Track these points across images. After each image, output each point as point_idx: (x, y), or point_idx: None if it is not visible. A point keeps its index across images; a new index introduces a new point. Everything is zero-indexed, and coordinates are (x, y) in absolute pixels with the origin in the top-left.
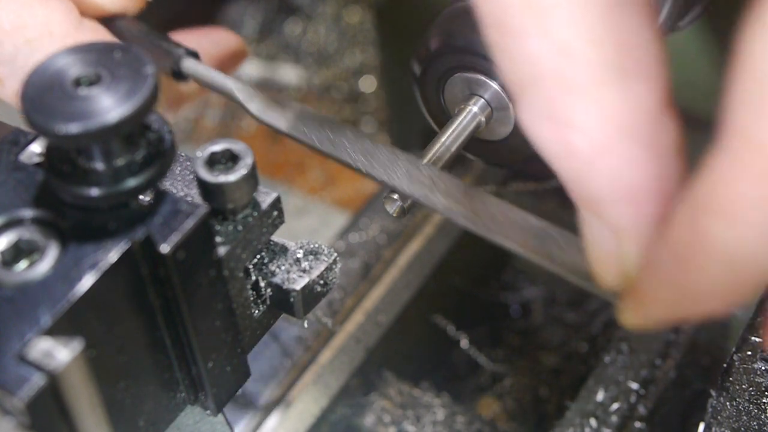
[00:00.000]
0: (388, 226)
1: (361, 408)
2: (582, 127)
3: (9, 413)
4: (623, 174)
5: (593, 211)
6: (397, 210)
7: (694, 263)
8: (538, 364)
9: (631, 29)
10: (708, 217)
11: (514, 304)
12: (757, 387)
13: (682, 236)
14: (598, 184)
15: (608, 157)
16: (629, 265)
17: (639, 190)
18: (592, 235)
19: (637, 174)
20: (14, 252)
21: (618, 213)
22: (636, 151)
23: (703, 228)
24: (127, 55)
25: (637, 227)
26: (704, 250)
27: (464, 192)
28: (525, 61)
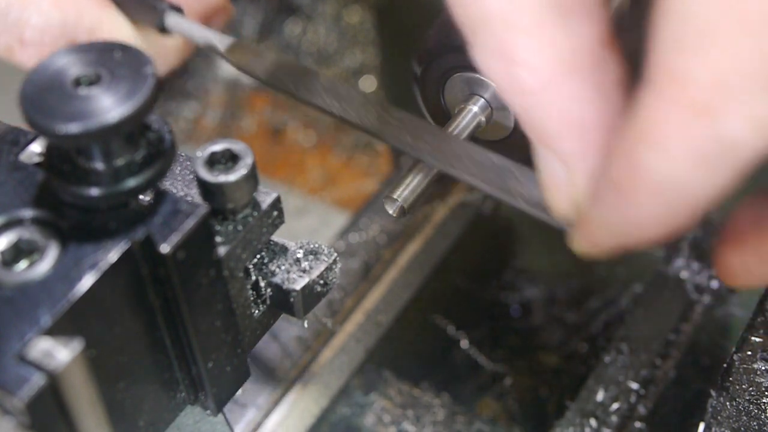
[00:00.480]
0: (388, 226)
1: (361, 408)
2: (527, 64)
3: (9, 413)
4: (568, 108)
5: (544, 143)
6: (397, 210)
7: (631, 193)
8: (538, 364)
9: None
10: (641, 149)
11: (514, 304)
12: (757, 387)
13: (620, 167)
14: (546, 117)
15: (553, 92)
16: (579, 195)
17: (584, 123)
18: (545, 167)
19: (582, 108)
20: (14, 252)
21: (566, 145)
22: (579, 86)
23: (637, 159)
24: (127, 55)
25: (584, 158)
26: (639, 181)
27: (430, 132)
28: (475, 4)
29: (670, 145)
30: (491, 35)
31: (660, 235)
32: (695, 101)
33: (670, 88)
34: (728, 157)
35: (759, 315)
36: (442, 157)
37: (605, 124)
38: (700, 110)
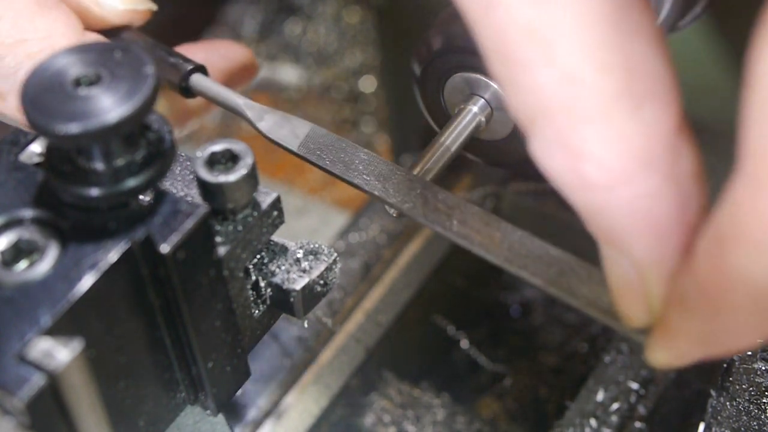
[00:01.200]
0: (388, 226)
1: (361, 408)
2: (595, 157)
3: (9, 413)
4: (642, 205)
5: (613, 245)
6: (397, 210)
7: (721, 297)
8: (538, 364)
9: (640, 52)
10: (732, 248)
11: (514, 304)
12: (757, 387)
13: (707, 269)
14: (617, 217)
15: (625, 188)
16: (654, 301)
17: (660, 222)
18: (614, 271)
19: (657, 204)
20: (14, 252)
21: (640, 247)
22: (654, 180)
23: (728, 260)
24: (127, 55)
25: (662, 261)
26: (731, 283)
27: (482, 220)
28: (533, 92)
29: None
30: (553, 126)
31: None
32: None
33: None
34: None
35: None
36: (495, 250)
37: (684, 221)
38: None
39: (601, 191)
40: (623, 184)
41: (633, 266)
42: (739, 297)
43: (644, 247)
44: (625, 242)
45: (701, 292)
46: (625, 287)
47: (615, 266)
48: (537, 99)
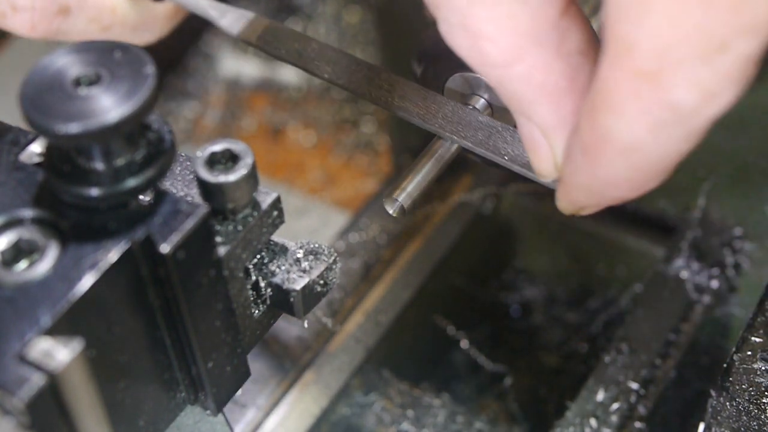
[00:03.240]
0: (388, 226)
1: (361, 408)
2: (491, 37)
3: (9, 413)
4: (536, 78)
5: (519, 113)
6: (397, 210)
7: (597, 155)
8: (538, 364)
9: None
10: (601, 112)
11: (514, 304)
12: (757, 387)
13: (586, 130)
14: (517, 88)
15: (519, 64)
16: (557, 158)
17: (554, 91)
18: (525, 133)
19: (549, 76)
20: (14, 252)
21: (540, 113)
22: (544, 56)
23: (600, 123)
24: (127, 55)
25: (560, 125)
26: (602, 142)
27: (420, 95)
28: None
29: (624, 109)
30: (453, 11)
31: (630, 192)
32: (643, 69)
33: (620, 56)
34: (679, 122)
35: (759, 315)
36: (430, 118)
37: (576, 90)
38: (648, 78)
39: (500, 67)
40: (516, 60)
41: (537, 129)
42: (609, 153)
43: (542, 113)
44: (527, 110)
45: (583, 150)
46: (534, 147)
47: (524, 129)
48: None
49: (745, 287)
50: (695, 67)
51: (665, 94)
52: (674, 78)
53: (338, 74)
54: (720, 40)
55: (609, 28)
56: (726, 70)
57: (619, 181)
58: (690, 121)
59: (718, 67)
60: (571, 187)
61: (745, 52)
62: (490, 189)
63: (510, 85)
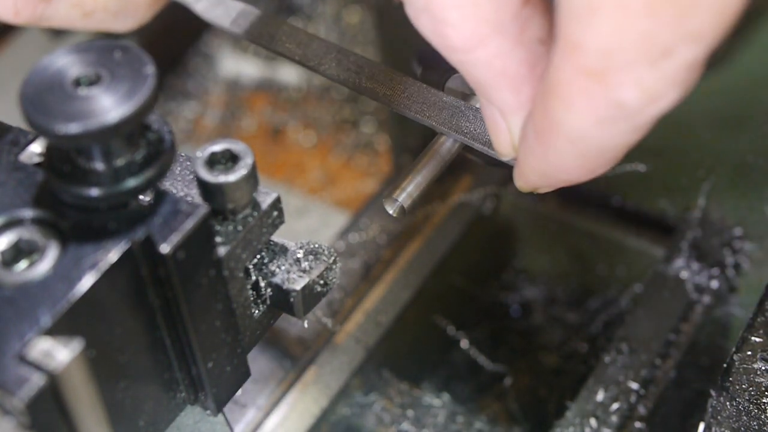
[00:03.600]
0: (388, 226)
1: (361, 408)
2: (454, 24)
3: (9, 413)
4: (496, 63)
5: (481, 95)
6: (397, 210)
7: (548, 141)
8: (538, 364)
9: None
10: (551, 100)
11: (514, 304)
12: (757, 387)
13: (538, 115)
14: (478, 72)
15: (480, 50)
16: (515, 138)
17: (513, 77)
18: (486, 114)
19: (509, 63)
20: (14, 252)
21: (500, 97)
22: (504, 43)
23: (549, 108)
24: (127, 55)
25: (519, 108)
26: (552, 129)
27: (386, 75)
28: None
29: (574, 104)
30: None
31: (580, 177)
32: (590, 68)
33: (569, 54)
34: (625, 118)
35: (759, 315)
36: (397, 99)
37: (534, 77)
38: (595, 76)
39: (462, 52)
40: (478, 46)
41: (496, 111)
42: (559, 140)
43: (502, 97)
44: (487, 93)
45: (535, 134)
46: (494, 128)
47: (486, 111)
48: None
49: (745, 287)
50: (640, 70)
51: (611, 93)
52: (620, 79)
53: (307, 56)
54: (664, 46)
55: (559, 25)
56: (670, 74)
57: (569, 166)
58: (635, 118)
59: (663, 71)
60: (525, 168)
61: (689, 58)
62: (490, 189)
63: (472, 70)
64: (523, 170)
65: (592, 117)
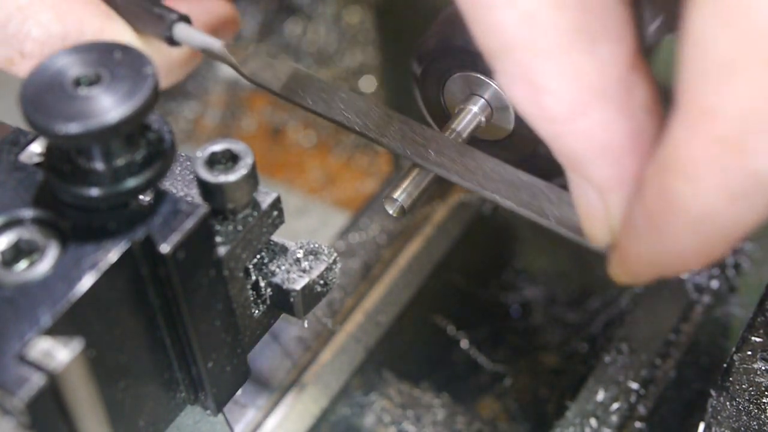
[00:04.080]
0: (388, 226)
1: (361, 408)
2: (554, 91)
3: (9, 413)
4: (598, 135)
5: (575, 171)
6: (397, 210)
7: (664, 223)
8: (538, 364)
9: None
10: (671, 178)
11: (514, 304)
12: (757, 387)
13: (651, 195)
14: (576, 144)
15: (582, 119)
16: (614, 222)
17: (616, 150)
18: (579, 195)
19: (612, 135)
20: (14, 252)
21: (598, 173)
22: (608, 112)
23: (668, 188)
24: (127, 55)
25: (619, 186)
26: (671, 209)
27: (457, 150)
28: (494, 29)
29: (702, 178)
30: (514, 63)
31: (697, 263)
32: (725, 136)
33: (700, 120)
34: (760, 191)
35: (759, 315)
36: (470, 177)
37: (639, 150)
38: (731, 145)
39: (560, 122)
40: (579, 115)
41: (593, 190)
42: (678, 224)
43: (602, 172)
44: (584, 168)
45: (647, 217)
46: (588, 209)
47: (579, 190)
48: (499, 36)
49: (745, 287)
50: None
51: (748, 163)
52: (758, 146)
53: (368, 126)
54: None
55: (688, 90)
56: None
57: (686, 251)
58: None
59: None
60: (629, 256)
61: None
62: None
63: (569, 142)
64: (627, 259)
65: (723, 193)
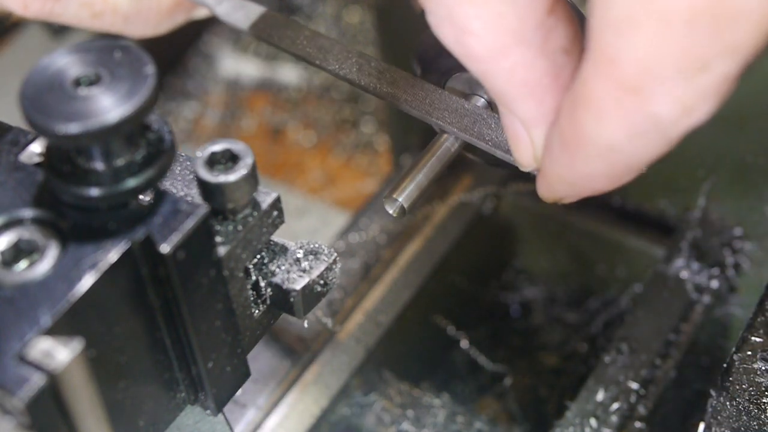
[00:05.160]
0: (388, 226)
1: (361, 408)
2: (477, 33)
3: (9, 413)
4: (519, 74)
5: (502, 105)
6: (397, 210)
7: (576, 151)
8: (538, 364)
9: None
10: (581, 112)
11: (514, 304)
12: (757, 387)
13: (565, 126)
14: (500, 83)
15: (504, 60)
16: (537, 150)
17: (536, 87)
18: (507, 125)
19: (533, 73)
20: (14, 252)
21: (522, 107)
22: (528, 54)
23: (580, 123)
24: (127, 55)
25: (541, 119)
26: (581, 140)
27: (408, 82)
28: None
29: (606, 116)
30: (441, 4)
31: (606, 186)
32: (626, 81)
33: (604, 66)
34: (658, 131)
35: (759, 315)
36: (418, 105)
37: (558, 87)
38: (631, 89)
39: (484, 62)
40: (501, 56)
41: (519, 123)
42: (586, 152)
43: (524, 108)
44: (509, 104)
45: (561, 144)
46: (516, 139)
47: (507, 122)
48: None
49: (745, 287)
50: (676, 84)
51: (646, 106)
52: (655, 93)
53: (328, 60)
54: (702, 61)
55: (595, 37)
56: (706, 87)
57: (596, 175)
58: (668, 131)
59: (699, 85)
60: (549, 178)
61: (724, 72)
62: (490, 189)
63: (493, 80)
64: (548, 181)
65: (624, 130)
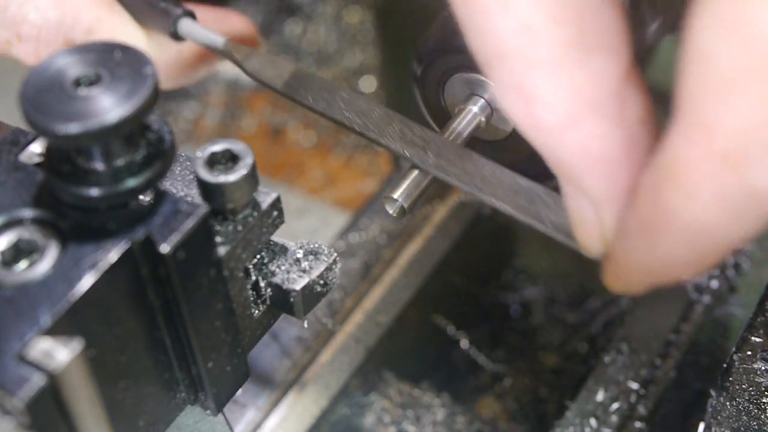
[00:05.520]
0: (388, 226)
1: (361, 408)
2: (547, 102)
3: (9, 413)
4: (591, 146)
5: (569, 182)
6: (397, 210)
7: (658, 234)
8: (538, 364)
9: (591, 5)
10: (667, 190)
11: (514, 304)
12: (757, 387)
13: (646, 208)
14: (569, 156)
15: (574, 131)
16: (607, 232)
17: (609, 161)
18: (572, 204)
19: (605, 146)
20: (14, 252)
21: (591, 183)
22: (602, 124)
23: (663, 199)
24: (126, 55)
25: (612, 197)
26: (665, 221)
27: (456, 152)
28: (490, 38)
29: (698, 191)
30: (509, 72)
31: (690, 273)
32: (724, 151)
33: (699, 134)
34: (756, 206)
35: (759, 315)
36: (468, 180)
37: (632, 161)
38: (729, 161)
39: (553, 133)
40: (572, 127)
41: (586, 201)
42: (672, 235)
43: (595, 184)
44: (578, 179)
45: (641, 227)
46: (581, 219)
47: (572, 200)
48: (494, 45)
49: (745, 287)
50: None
51: (745, 178)
52: (757, 164)
53: (368, 126)
54: None
55: (688, 103)
56: None
57: (679, 261)
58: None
59: None
60: (621, 266)
61: None
62: None
63: (562, 153)
64: (620, 268)
65: (718, 207)
